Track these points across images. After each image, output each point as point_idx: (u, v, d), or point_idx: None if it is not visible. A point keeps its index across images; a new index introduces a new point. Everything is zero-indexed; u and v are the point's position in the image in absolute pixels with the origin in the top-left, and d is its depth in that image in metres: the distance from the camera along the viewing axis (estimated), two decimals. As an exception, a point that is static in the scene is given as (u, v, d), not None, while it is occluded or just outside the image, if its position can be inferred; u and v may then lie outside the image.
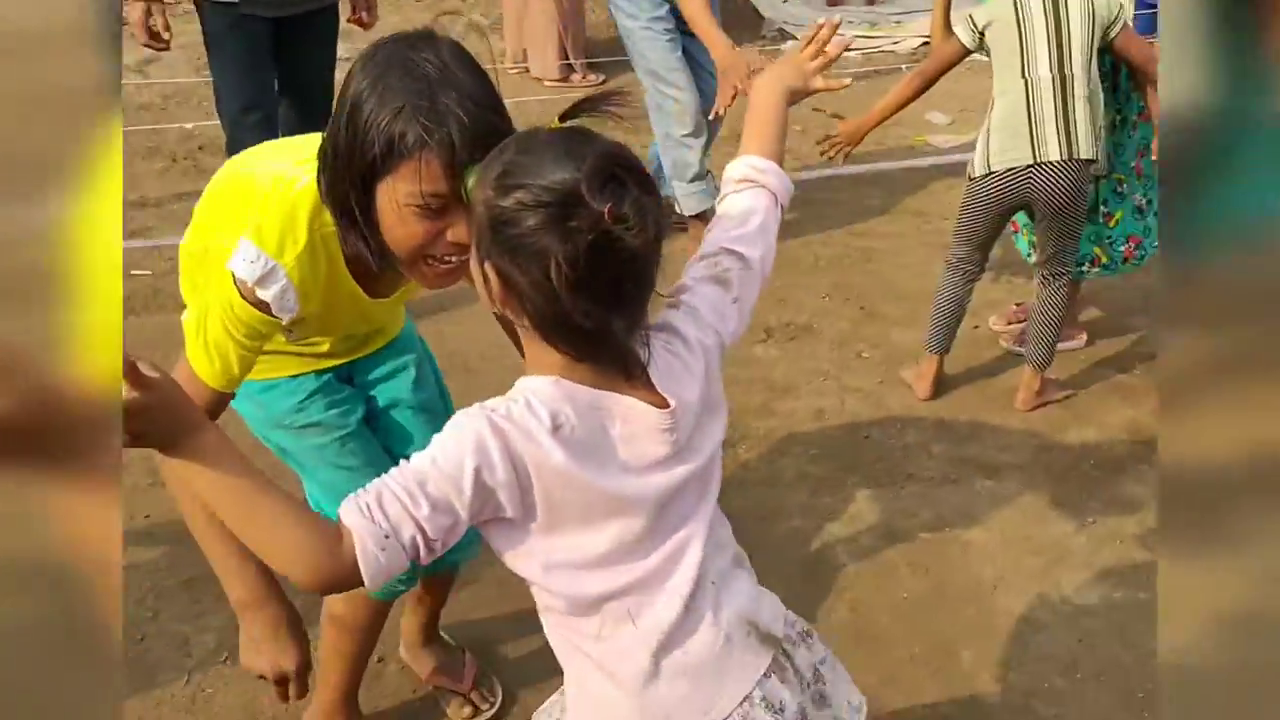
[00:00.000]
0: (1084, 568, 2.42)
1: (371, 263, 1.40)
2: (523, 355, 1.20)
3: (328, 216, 1.43)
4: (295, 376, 1.73)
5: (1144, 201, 3.08)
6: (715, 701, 1.18)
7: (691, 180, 3.74)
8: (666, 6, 3.56)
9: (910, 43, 6.29)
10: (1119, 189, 3.06)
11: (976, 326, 3.31)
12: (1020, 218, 3.12)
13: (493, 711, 2.08)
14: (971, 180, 2.87)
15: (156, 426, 1.04)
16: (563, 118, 1.18)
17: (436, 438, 1.11)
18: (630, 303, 1.10)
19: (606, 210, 1.01)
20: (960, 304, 2.99)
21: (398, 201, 1.28)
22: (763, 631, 1.23)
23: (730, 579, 1.23)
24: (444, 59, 1.29)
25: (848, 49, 4.32)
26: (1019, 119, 2.73)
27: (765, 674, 1.20)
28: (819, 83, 1.49)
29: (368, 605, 1.81)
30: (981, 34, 2.81)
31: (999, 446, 2.85)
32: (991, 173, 2.78)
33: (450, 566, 2.01)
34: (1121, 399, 3.05)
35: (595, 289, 1.04)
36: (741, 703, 1.18)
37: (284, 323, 1.45)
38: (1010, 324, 3.35)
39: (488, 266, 1.09)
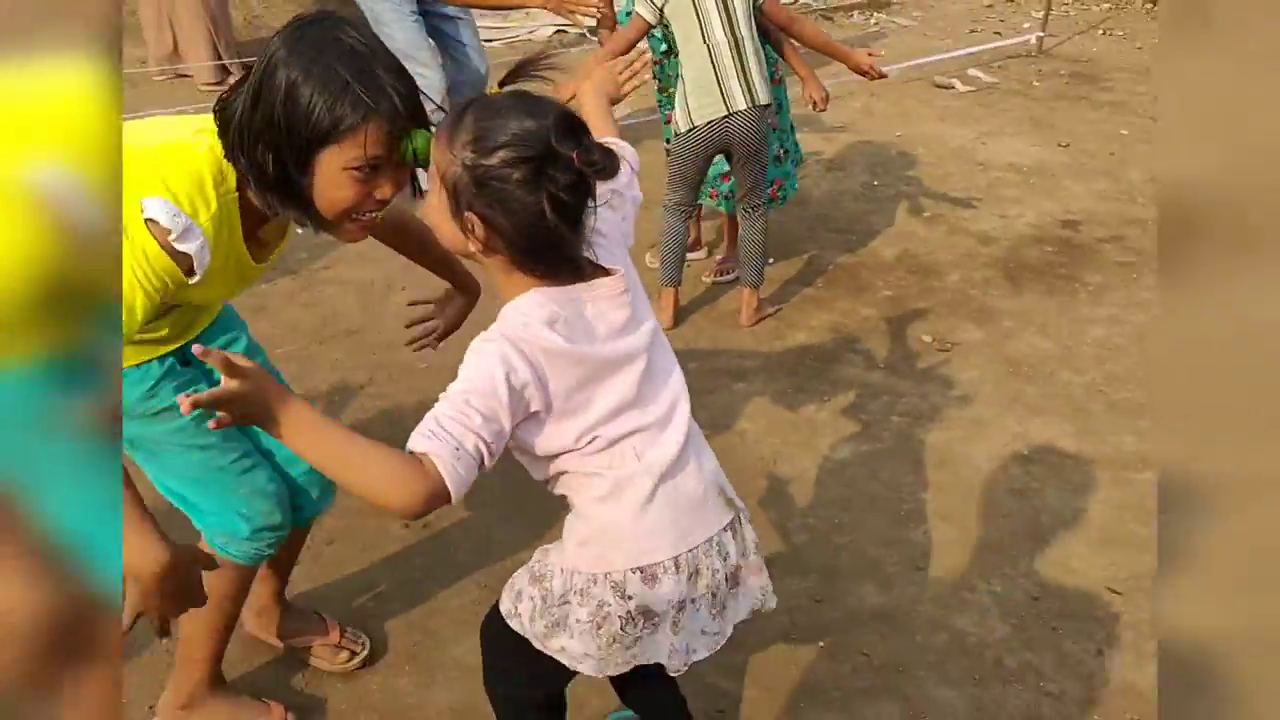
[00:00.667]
0: (833, 433, 3.00)
1: (311, 225, 1.53)
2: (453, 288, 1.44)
3: (231, 182, 1.53)
4: (139, 365, 1.72)
5: (781, 151, 3.73)
6: (690, 534, 1.46)
7: None
8: None
9: (544, 31, 6.76)
10: None
11: (689, 265, 3.83)
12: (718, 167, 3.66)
13: (366, 652, 2.20)
14: (678, 135, 3.35)
15: (253, 408, 1.20)
16: (503, 84, 1.44)
17: (463, 367, 1.32)
18: (586, 226, 1.37)
19: (576, 156, 1.28)
20: (683, 240, 3.48)
21: (338, 167, 1.43)
22: (727, 496, 1.53)
23: (704, 446, 1.54)
24: (366, 37, 1.46)
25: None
26: (708, 79, 3.23)
27: (724, 528, 1.51)
28: (625, 89, 1.88)
29: (235, 574, 1.86)
30: (661, 10, 3.28)
31: (739, 356, 3.39)
32: (695, 127, 3.27)
33: (305, 523, 2.06)
34: (816, 307, 3.70)
35: (569, 221, 1.32)
36: (705, 542, 1.48)
37: (192, 282, 1.52)
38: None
39: (470, 216, 1.31)
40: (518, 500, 2.61)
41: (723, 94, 3.22)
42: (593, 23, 3.72)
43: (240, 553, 1.84)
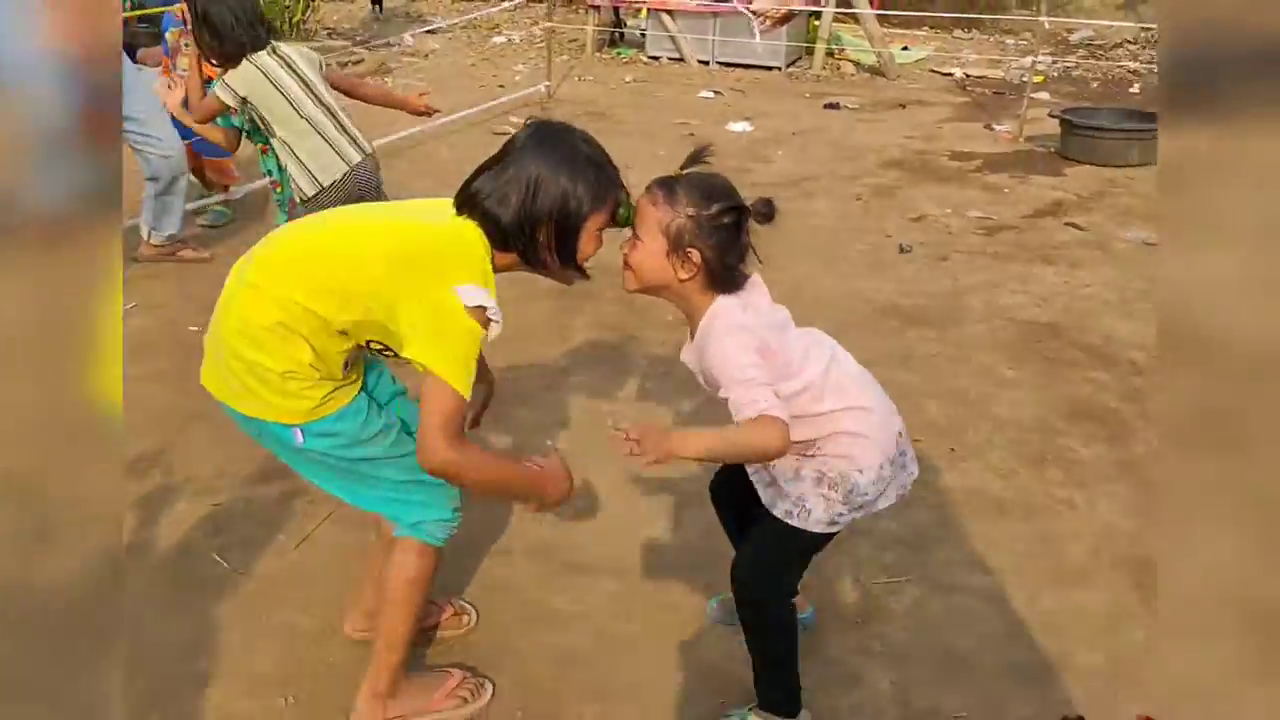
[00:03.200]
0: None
1: (574, 276, 2.04)
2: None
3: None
4: (352, 401, 2.04)
5: None
6: (895, 414, 2.07)
7: None
8: None
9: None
10: None
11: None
12: None
13: (474, 620, 2.53)
14: (308, 200, 3.58)
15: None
16: (684, 167, 1.98)
17: (722, 355, 1.86)
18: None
19: (753, 206, 1.93)
20: None
21: (593, 231, 1.97)
22: None
23: None
24: (585, 137, 2.00)
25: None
26: (320, 146, 3.59)
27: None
28: None
29: (434, 554, 2.17)
30: (244, 99, 3.55)
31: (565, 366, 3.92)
32: (324, 187, 3.59)
33: None
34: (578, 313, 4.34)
35: (748, 249, 1.96)
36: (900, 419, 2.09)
37: (489, 340, 1.93)
38: None
39: (691, 252, 1.87)
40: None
41: (338, 154, 3.62)
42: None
43: (442, 535, 2.16)
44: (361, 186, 3.59)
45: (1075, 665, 2.42)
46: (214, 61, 3.59)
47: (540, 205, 1.91)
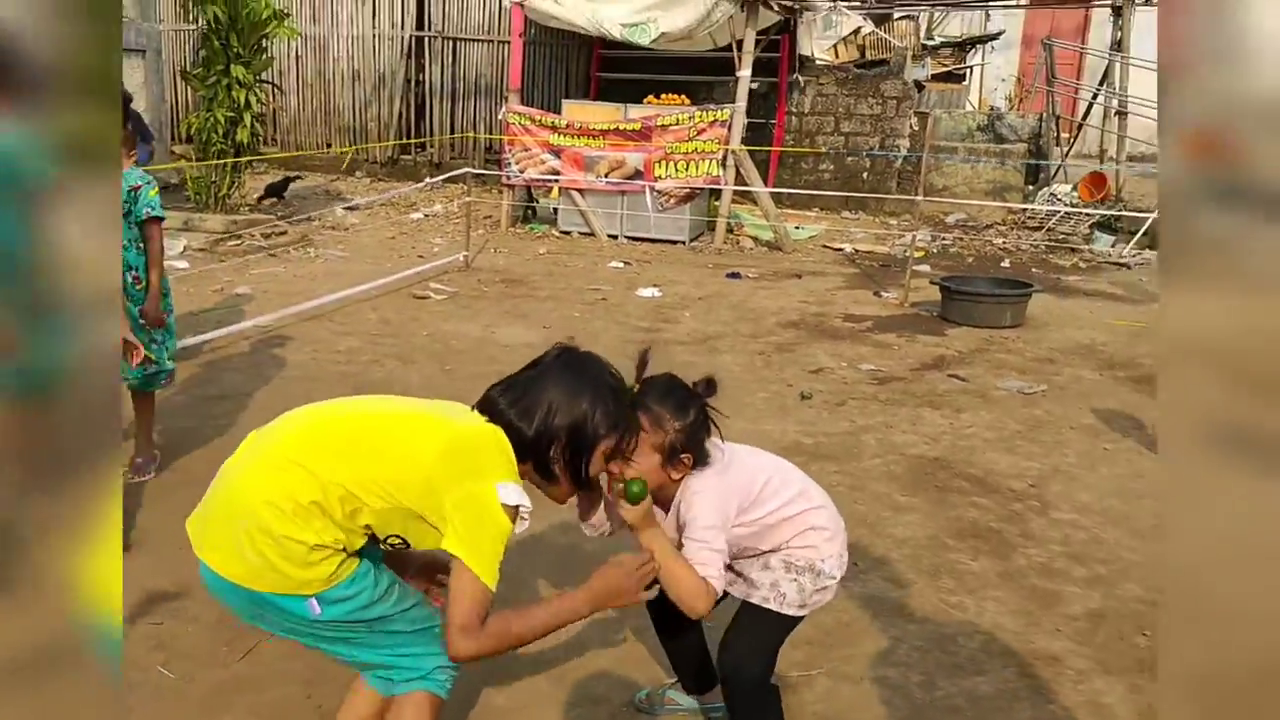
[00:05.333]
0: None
1: (562, 496, 2.18)
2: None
3: None
4: (360, 565, 2.06)
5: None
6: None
7: None
8: None
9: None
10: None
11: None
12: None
13: None
14: None
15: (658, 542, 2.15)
16: (638, 378, 2.26)
17: (693, 514, 2.21)
18: None
19: (706, 403, 2.27)
20: None
21: (601, 455, 2.10)
22: None
23: None
24: (608, 367, 2.15)
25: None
26: None
27: None
28: None
29: (441, 705, 2.19)
30: None
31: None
32: None
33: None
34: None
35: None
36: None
37: (517, 533, 2.05)
38: None
39: (685, 457, 2.20)
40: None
41: None
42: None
43: (449, 684, 2.20)
44: None
45: (971, 739, 2.67)
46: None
47: (559, 424, 2.03)
